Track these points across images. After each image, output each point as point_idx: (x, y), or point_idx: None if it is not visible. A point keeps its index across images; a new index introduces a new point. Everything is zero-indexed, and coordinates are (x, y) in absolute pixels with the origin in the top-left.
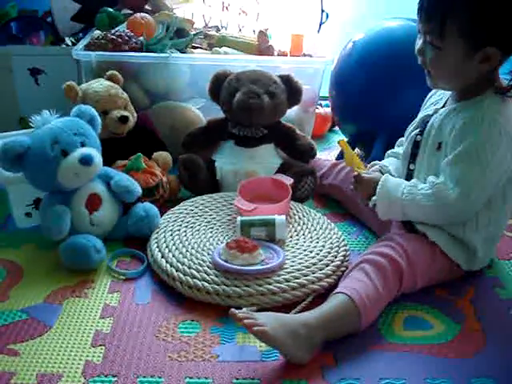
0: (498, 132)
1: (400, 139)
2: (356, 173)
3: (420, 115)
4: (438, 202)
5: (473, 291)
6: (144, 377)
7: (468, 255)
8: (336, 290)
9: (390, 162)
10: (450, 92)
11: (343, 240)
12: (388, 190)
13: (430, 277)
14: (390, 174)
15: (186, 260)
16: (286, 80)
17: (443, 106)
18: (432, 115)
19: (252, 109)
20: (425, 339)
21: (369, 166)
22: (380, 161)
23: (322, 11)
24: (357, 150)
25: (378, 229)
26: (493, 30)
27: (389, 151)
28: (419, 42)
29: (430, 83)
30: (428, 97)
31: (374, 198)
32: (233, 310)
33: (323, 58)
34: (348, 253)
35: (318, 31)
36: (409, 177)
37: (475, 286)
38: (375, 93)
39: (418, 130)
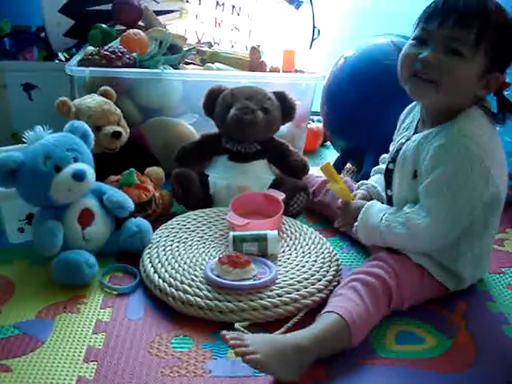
0: (469, 161)
1: (383, 155)
2: (341, 204)
3: (394, 137)
4: (410, 230)
5: (464, 305)
6: None
7: (455, 278)
8: (328, 309)
9: (377, 179)
10: (419, 115)
11: (335, 255)
12: (368, 217)
13: (417, 297)
14: (378, 195)
15: (178, 275)
16: (281, 97)
17: (415, 132)
18: (404, 143)
19: (246, 124)
20: (417, 353)
21: (356, 185)
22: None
23: (314, 27)
24: (349, 164)
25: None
26: (509, 57)
27: (375, 168)
28: (422, 51)
29: (425, 93)
30: (401, 118)
31: (355, 223)
32: (223, 332)
33: (315, 73)
34: (340, 267)
35: (310, 47)
36: (389, 202)
37: (467, 300)
38: (366, 108)
39: (390, 158)
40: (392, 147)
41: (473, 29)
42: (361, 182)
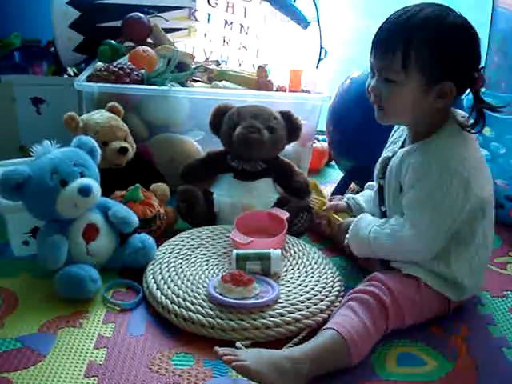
0: (448, 174)
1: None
2: (327, 220)
3: (383, 153)
4: (396, 242)
5: (466, 329)
6: None
7: (454, 286)
8: (324, 327)
9: (364, 193)
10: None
11: (338, 275)
12: (358, 230)
13: (418, 312)
14: (357, 206)
15: (181, 292)
16: (287, 116)
17: (402, 146)
18: (391, 157)
19: (252, 143)
20: (417, 376)
21: (338, 197)
22: None
23: (321, 48)
24: (353, 184)
25: (366, 265)
26: (451, 64)
27: (368, 183)
28: (371, 81)
29: (381, 118)
30: (392, 133)
31: (347, 236)
32: (216, 348)
33: (321, 94)
34: (342, 288)
35: (317, 67)
36: (383, 217)
37: (468, 324)
38: (371, 129)
39: (380, 174)
40: (379, 161)
41: (396, 55)
42: (348, 195)
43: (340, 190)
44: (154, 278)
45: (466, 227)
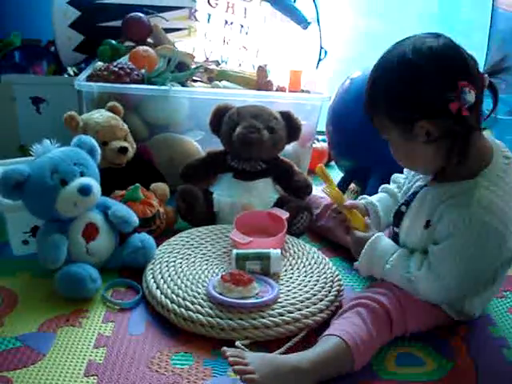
0: (486, 234)
1: (395, 175)
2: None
3: (408, 174)
4: (417, 288)
5: (465, 329)
6: None
7: (464, 315)
8: (330, 332)
9: (381, 198)
10: None
11: (337, 275)
12: (373, 254)
13: (422, 325)
14: (375, 213)
15: (180, 292)
16: (287, 116)
17: (435, 178)
18: (423, 186)
19: (252, 143)
20: (417, 376)
21: (359, 198)
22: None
23: (321, 48)
24: (353, 185)
25: None
26: (410, 106)
27: (382, 186)
28: None
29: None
30: None
31: (356, 263)
32: (224, 348)
33: (321, 94)
34: (342, 288)
35: (317, 68)
36: (395, 237)
37: (468, 324)
38: (371, 130)
39: (404, 200)
40: (405, 183)
41: (372, 118)
42: (362, 196)
43: (340, 190)
44: (153, 277)
45: (490, 276)
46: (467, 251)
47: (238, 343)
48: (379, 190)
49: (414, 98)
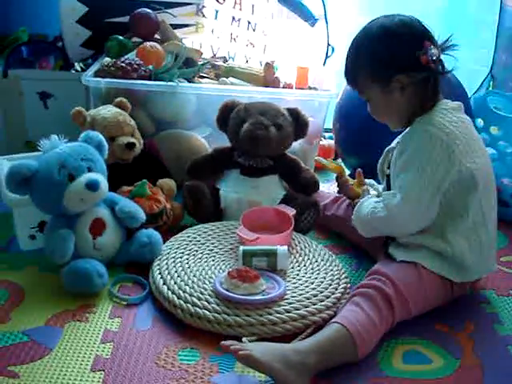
0: (429, 138)
1: None
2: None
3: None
4: (389, 212)
5: (472, 327)
6: None
7: (456, 266)
8: (329, 322)
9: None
10: None
11: (344, 272)
12: (361, 208)
13: (422, 299)
14: (378, 191)
15: (187, 288)
16: (294, 113)
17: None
18: (395, 148)
19: (259, 139)
20: (423, 374)
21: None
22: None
23: (328, 45)
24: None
25: (377, 256)
26: (388, 62)
27: None
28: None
29: (390, 127)
30: None
31: (352, 217)
32: (223, 342)
33: (328, 91)
34: (349, 285)
35: (324, 64)
36: None
37: (474, 322)
38: (378, 127)
39: (388, 164)
40: (384, 152)
41: (352, 80)
42: (369, 180)
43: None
44: (160, 273)
45: (458, 200)
46: (416, 158)
47: (244, 339)
48: None
49: (391, 57)
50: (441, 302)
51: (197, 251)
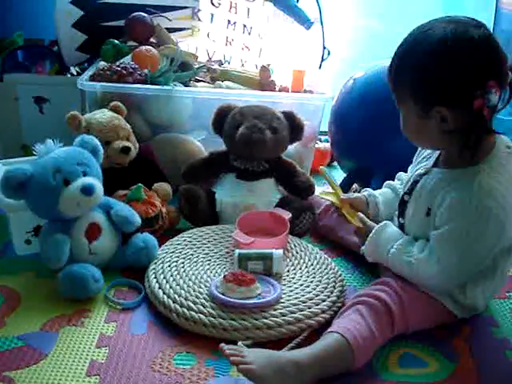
0: (486, 218)
1: (400, 173)
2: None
3: (413, 168)
4: (416, 273)
5: (468, 330)
6: None
7: (465, 308)
8: (329, 329)
9: (384, 192)
10: None
11: (340, 275)
12: (377, 243)
13: (423, 322)
14: (375, 204)
15: (182, 292)
16: (289, 116)
17: (435, 164)
18: (423, 175)
19: (254, 143)
20: (419, 377)
21: (363, 191)
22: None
23: (324, 48)
24: (355, 185)
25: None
26: (436, 89)
27: (386, 182)
28: None
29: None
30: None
31: (362, 247)
32: (222, 344)
33: (324, 94)
34: (344, 288)
35: (320, 67)
36: (401, 228)
37: (470, 325)
38: (374, 130)
39: (406, 189)
40: (409, 175)
41: (393, 86)
42: (365, 188)
43: (342, 190)
44: (156, 277)
45: (490, 264)
46: (467, 235)
47: (240, 343)
48: (383, 185)
49: (442, 83)
50: (439, 324)
51: (192, 255)
